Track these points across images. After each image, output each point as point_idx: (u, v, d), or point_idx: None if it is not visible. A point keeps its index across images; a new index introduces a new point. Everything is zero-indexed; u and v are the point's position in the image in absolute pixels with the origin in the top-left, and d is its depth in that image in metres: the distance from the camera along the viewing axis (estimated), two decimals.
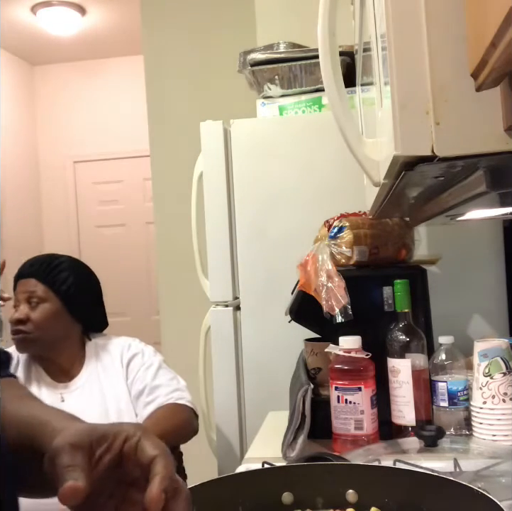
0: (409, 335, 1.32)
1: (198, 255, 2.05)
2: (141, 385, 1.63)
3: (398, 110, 0.62)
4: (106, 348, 1.70)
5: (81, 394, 1.60)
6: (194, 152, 1.95)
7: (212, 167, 1.88)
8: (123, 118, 4.78)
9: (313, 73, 1.84)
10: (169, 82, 3.12)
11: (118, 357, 1.68)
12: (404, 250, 1.50)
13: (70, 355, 1.66)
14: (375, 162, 0.82)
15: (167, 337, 3.14)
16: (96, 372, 1.65)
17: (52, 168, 4.95)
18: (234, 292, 1.87)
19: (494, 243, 1.76)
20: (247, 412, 1.86)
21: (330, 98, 0.84)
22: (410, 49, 0.61)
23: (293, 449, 1.25)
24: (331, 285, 1.36)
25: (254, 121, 1.91)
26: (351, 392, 1.27)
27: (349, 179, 1.72)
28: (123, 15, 4.10)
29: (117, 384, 1.63)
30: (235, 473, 0.91)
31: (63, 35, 4.33)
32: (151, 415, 1.57)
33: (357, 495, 0.84)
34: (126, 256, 4.86)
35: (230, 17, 3.06)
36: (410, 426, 1.30)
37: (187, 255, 2.15)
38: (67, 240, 4.92)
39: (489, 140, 0.60)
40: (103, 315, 1.78)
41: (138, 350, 1.71)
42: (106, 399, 1.60)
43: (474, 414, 1.28)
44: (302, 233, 1.74)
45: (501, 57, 0.43)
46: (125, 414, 1.60)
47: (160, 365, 1.69)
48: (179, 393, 1.64)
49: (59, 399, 1.59)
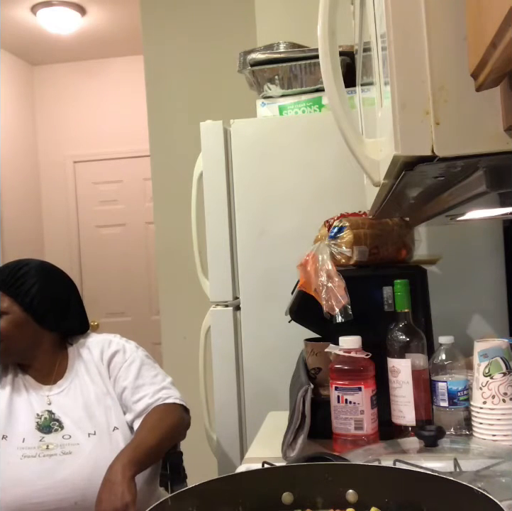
0: (409, 335, 1.32)
1: (198, 255, 2.05)
2: (124, 383, 1.61)
3: (398, 110, 0.62)
4: (87, 347, 1.68)
5: (66, 396, 1.60)
6: (194, 152, 1.96)
7: (212, 167, 1.88)
8: (123, 118, 4.77)
9: (313, 73, 1.84)
10: (169, 82, 3.12)
11: (99, 355, 1.65)
12: (404, 250, 1.50)
13: (46, 361, 1.63)
14: (375, 162, 0.82)
15: (167, 337, 3.14)
16: (80, 372, 1.63)
17: (52, 168, 4.94)
18: (234, 292, 1.87)
19: (494, 243, 1.76)
20: (247, 412, 1.86)
21: (330, 98, 0.84)
22: (410, 49, 0.61)
23: (293, 449, 1.25)
24: (331, 285, 1.36)
25: (254, 121, 1.91)
26: (351, 392, 1.27)
27: (349, 179, 1.72)
28: (123, 15, 4.10)
29: (100, 382, 1.62)
30: (235, 473, 0.91)
31: (63, 35, 4.33)
32: (143, 423, 1.54)
33: (357, 495, 0.84)
34: (126, 256, 4.86)
35: (230, 17, 3.06)
36: (410, 426, 1.30)
37: (187, 255, 2.15)
38: (67, 240, 4.91)
39: (489, 140, 0.60)
40: (80, 319, 1.72)
41: (119, 346, 1.67)
42: (91, 399, 1.59)
43: (474, 414, 1.28)
44: (302, 233, 1.74)
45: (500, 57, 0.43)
46: (112, 411, 1.59)
47: (143, 362, 1.66)
48: (165, 391, 1.61)
49: (47, 402, 1.58)
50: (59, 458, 1.49)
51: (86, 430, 1.54)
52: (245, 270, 1.86)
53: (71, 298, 1.71)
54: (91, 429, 1.54)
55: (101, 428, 1.55)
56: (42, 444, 1.51)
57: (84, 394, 1.60)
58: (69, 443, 1.52)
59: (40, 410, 1.56)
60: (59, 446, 1.51)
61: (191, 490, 0.81)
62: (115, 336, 1.72)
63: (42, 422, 1.54)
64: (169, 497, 0.79)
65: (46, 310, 1.61)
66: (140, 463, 1.43)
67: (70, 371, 1.64)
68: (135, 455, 1.43)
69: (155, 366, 1.70)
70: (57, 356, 1.65)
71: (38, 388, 1.60)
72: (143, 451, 1.45)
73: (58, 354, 1.66)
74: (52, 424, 1.54)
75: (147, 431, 1.51)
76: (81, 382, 1.62)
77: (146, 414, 1.56)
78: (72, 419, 1.56)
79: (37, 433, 1.52)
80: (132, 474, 1.39)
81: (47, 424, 1.54)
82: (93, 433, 1.54)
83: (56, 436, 1.53)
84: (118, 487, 1.35)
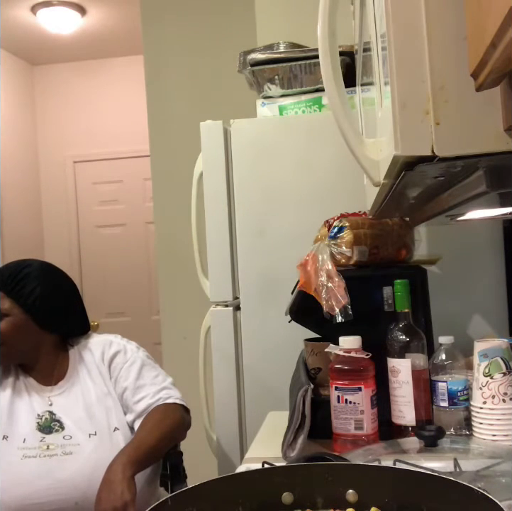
0: (409, 335, 1.32)
1: (198, 255, 2.05)
2: (125, 383, 1.61)
3: (398, 110, 0.62)
4: (87, 347, 1.67)
5: (67, 397, 1.59)
6: (194, 152, 1.95)
7: (212, 167, 1.87)
8: (123, 118, 4.77)
9: (313, 73, 1.84)
10: (169, 82, 3.12)
11: (100, 355, 1.65)
12: (404, 250, 1.50)
13: (47, 362, 1.63)
14: (375, 162, 0.82)
15: (167, 337, 3.14)
16: (81, 373, 1.63)
17: (52, 168, 4.94)
18: (234, 292, 1.87)
19: (494, 243, 1.76)
20: (247, 412, 1.86)
21: (330, 98, 0.84)
22: (410, 49, 0.61)
23: (293, 449, 1.25)
24: (331, 285, 1.36)
25: (254, 121, 1.91)
26: (351, 392, 1.27)
27: (349, 179, 1.72)
28: (123, 15, 4.10)
29: (101, 383, 1.62)
30: (235, 473, 0.91)
31: (63, 35, 4.33)
32: (144, 423, 1.54)
33: (357, 495, 0.84)
34: (126, 256, 4.86)
35: (230, 17, 3.06)
36: (410, 426, 1.30)
37: (187, 255, 2.15)
38: (67, 240, 4.92)
39: (489, 140, 0.60)
40: (81, 320, 1.72)
41: (120, 347, 1.67)
42: (91, 399, 1.59)
43: (474, 414, 1.28)
44: (302, 233, 1.74)
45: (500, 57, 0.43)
46: (113, 412, 1.59)
47: (143, 362, 1.66)
48: (165, 392, 1.61)
49: (48, 403, 1.58)
50: (59, 459, 1.49)
51: (87, 430, 1.54)
52: (244, 270, 1.86)
53: (72, 300, 1.71)
54: (92, 429, 1.54)
55: (101, 428, 1.55)
56: (43, 444, 1.51)
57: (85, 395, 1.60)
58: (70, 443, 1.52)
59: (40, 411, 1.56)
60: (59, 446, 1.51)
61: (191, 490, 0.81)
62: (116, 337, 1.72)
63: (43, 423, 1.54)
64: (169, 497, 0.79)
65: (47, 313, 1.61)
66: (140, 462, 1.43)
67: (71, 372, 1.63)
68: (134, 454, 1.43)
69: (156, 367, 1.70)
70: (57, 357, 1.65)
71: (39, 389, 1.60)
72: (143, 451, 1.45)
73: (59, 355, 1.66)
74: (53, 424, 1.54)
75: (148, 431, 1.51)
76: (81, 383, 1.62)
77: (146, 414, 1.57)
78: (73, 419, 1.56)
79: (38, 434, 1.52)
80: (131, 473, 1.39)
81: (47, 425, 1.54)
82: (94, 433, 1.54)
83: (57, 437, 1.53)
84: (117, 486, 1.35)
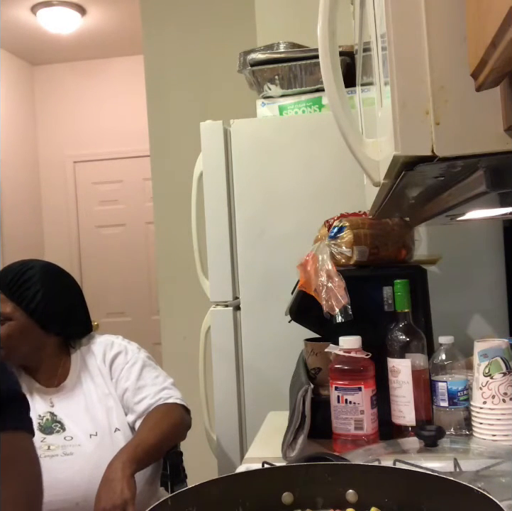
0: (409, 335, 1.32)
1: (198, 255, 2.05)
2: (126, 384, 1.61)
3: (398, 110, 0.62)
4: (89, 348, 1.68)
5: (69, 398, 1.59)
6: (194, 152, 1.95)
7: (212, 167, 1.87)
8: (123, 118, 4.77)
9: (313, 73, 1.84)
10: (169, 82, 3.12)
11: (101, 356, 1.65)
12: (404, 250, 1.50)
13: (49, 364, 1.63)
14: (375, 162, 0.82)
15: (167, 337, 3.14)
16: (82, 374, 1.63)
17: (52, 168, 4.94)
18: (234, 292, 1.87)
19: (494, 243, 1.76)
20: (247, 412, 1.86)
21: (330, 98, 0.84)
22: (410, 49, 0.61)
23: (293, 449, 1.25)
24: (331, 285, 1.36)
25: (254, 121, 1.91)
26: (351, 392, 1.27)
27: (349, 179, 1.72)
28: (123, 15, 4.10)
29: (102, 383, 1.62)
30: (235, 473, 0.91)
31: (63, 35, 4.33)
32: (144, 422, 1.55)
33: (357, 495, 0.84)
34: (126, 256, 4.86)
35: (230, 17, 3.06)
36: (410, 426, 1.30)
37: (187, 255, 2.15)
38: (67, 240, 4.92)
39: (489, 140, 0.60)
40: (84, 322, 1.72)
41: (121, 348, 1.67)
42: (93, 400, 1.59)
43: (474, 414, 1.28)
44: (302, 233, 1.74)
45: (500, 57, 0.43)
46: (114, 413, 1.59)
47: (144, 363, 1.66)
48: (166, 392, 1.61)
49: (49, 404, 1.58)
50: (60, 459, 1.49)
51: (88, 431, 1.54)
52: (244, 270, 1.86)
53: (76, 303, 1.71)
54: (93, 430, 1.54)
55: (102, 429, 1.55)
56: (44, 445, 1.51)
57: (86, 396, 1.60)
58: (71, 444, 1.52)
59: (42, 412, 1.56)
60: (60, 446, 1.51)
61: (191, 490, 0.81)
62: (117, 338, 1.72)
63: (44, 423, 1.54)
64: (169, 497, 0.79)
65: (50, 316, 1.61)
66: (140, 461, 1.43)
67: (73, 373, 1.63)
68: (134, 453, 1.43)
69: (157, 368, 1.70)
70: (60, 359, 1.65)
71: (41, 391, 1.60)
72: (143, 450, 1.45)
73: (61, 357, 1.66)
74: (54, 425, 1.55)
75: (148, 430, 1.51)
76: (83, 384, 1.62)
77: (147, 414, 1.57)
78: (74, 420, 1.56)
79: (39, 434, 1.52)
80: (131, 472, 1.38)
81: (48, 425, 1.54)
82: (95, 434, 1.54)
83: (58, 437, 1.53)
84: (117, 484, 1.35)
